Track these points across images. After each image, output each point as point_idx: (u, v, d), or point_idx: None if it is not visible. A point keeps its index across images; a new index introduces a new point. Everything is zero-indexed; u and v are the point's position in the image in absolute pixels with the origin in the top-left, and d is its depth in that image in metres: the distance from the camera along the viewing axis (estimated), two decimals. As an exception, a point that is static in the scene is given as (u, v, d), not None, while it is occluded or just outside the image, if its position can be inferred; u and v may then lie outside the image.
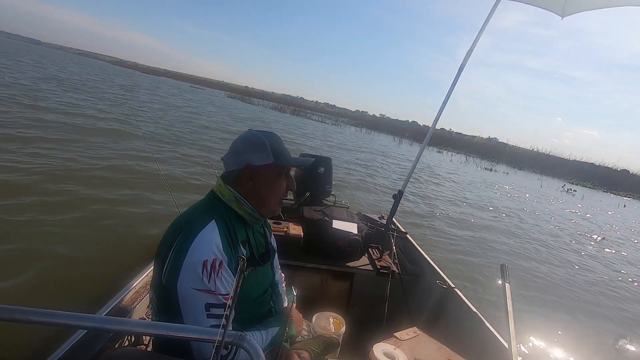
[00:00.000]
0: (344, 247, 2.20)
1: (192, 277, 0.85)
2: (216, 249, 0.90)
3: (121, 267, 2.69)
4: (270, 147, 1.03)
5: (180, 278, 0.86)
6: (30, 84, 12.77)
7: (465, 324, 1.71)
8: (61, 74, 22.27)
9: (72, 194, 4.13)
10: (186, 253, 0.87)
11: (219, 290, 0.87)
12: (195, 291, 0.85)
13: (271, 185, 1.04)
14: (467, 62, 2.34)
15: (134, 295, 1.43)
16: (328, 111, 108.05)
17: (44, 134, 6.27)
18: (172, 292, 0.86)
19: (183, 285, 0.85)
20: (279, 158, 1.03)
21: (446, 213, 7.89)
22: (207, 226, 0.93)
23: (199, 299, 0.85)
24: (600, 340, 3.48)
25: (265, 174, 1.03)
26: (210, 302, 0.86)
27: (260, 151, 1.02)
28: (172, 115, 14.14)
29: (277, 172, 1.04)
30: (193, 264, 0.86)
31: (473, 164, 29.03)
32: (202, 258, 0.87)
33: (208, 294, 0.86)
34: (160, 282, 0.91)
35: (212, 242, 0.91)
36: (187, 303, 0.86)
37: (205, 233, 0.92)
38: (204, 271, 0.86)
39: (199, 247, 0.88)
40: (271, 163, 1.02)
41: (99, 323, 0.59)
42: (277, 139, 1.07)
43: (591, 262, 6.73)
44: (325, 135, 23.20)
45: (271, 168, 1.03)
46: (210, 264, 0.87)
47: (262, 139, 1.03)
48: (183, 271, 0.86)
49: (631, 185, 34.59)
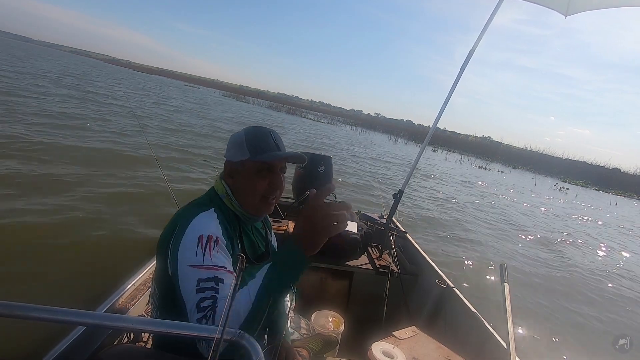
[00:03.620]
0: (343, 246, 2.19)
1: (187, 255, 0.84)
2: (213, 228, 0.89)
3: (121, 264, 2.67)
4: (247, 143, 0.98)
5: (179, 262, 0.84)
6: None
7: (464, 324, 1.72)
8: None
9: (71, 191, 4.10)
10: (184, 233, 0.86)
11: (215, 264, 0.83)
12: (189, 268, 0.82)
13: (247, 182, 0.99)
14: (468, 62, 2.35)
15: (134, 292, 1.42)
16: (323, 110, 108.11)
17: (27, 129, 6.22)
18: (176, 282, 0.84)
19: (182, 267, 0.84)
20: (256, 154, 0.97)
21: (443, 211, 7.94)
22: (207, 211, 0.93)
23: (192, 275, 0.82)
24: (599, 340, 3.53)
25: (242, 170, 0.99)
26: (201, 277, 0.81)
27: (237, 147, 0.99)
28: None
29: (255, 168, 0.98)
30: (189, 241, 0.85)
31: (468, 162, 29.21)
32: (197, 233, 0.85)
33: (201, 269, 0.82)
34: (166, 275, 0.89)
35: (209, 222, 0.90)
36: (184, 282, 0.83)
37: (204, 215, 0.91)
38: (199, 246, 0.83)
39: (196, 224, 0.88)
40: (247, 159, 0.97)
41: (98, 320, 0.58)
42: (261, 134, 1.00)
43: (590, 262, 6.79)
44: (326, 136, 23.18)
45: (249, 164, 0.98)
46: (205, 238, 0.85)
47: (240, 135, 1.00)
48: (181, 252, 0.84)
49: (622, 183, 35.11)
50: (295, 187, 2.72)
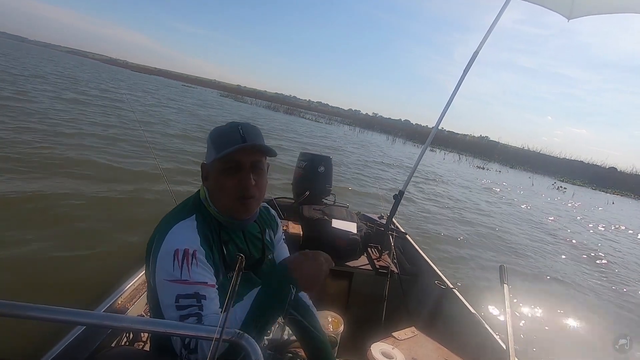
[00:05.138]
0: (343, 246, 2.19)
1: (164, 268, 0.82)
2: (190, 240, 0.86)
3: (120, 263, 2.66)
4: (212, 141, 0.93)
5: (157, 273, 0.83)
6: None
7: (463, 324, 1.72)
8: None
9: (70, 189, 4.09)
10: (161, 245, 0.84)
11: (194, 279, 0.81)
12: (167, 282, 0.81)
13: (217, 182, 0.93)
14: (472, 64, 2.35)
15: (133, 292, 1.41)
16: (321, 110, 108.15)
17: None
18: (156, 292, 0.83)
19: (159, 279, 0.82)
20: (220, 151, 0.90)
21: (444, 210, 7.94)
22: (185, 220, 0.91)
23: (171, 290, 0.80)
24: (599, 340, 3.51)
25: (213, 171, 0.94)
26: (180, 293, 0.79)
27: (208, 147, 0.95)
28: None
29: (220, 167, 0.92)
30: (165, 254, 0.83)
31: (466, 162, 29.25)
32: (173, 247, 0.83)
33: (178, 283, 0.80)
34: (149, 284, 0.89)
35: (186, 234, 0.87)
36: (161, 296, 0.81)
37: (181, 225, 0.89)
38: (175, 260, 0.81)
39: (172, 237, 0.86)
40: (214, 158, 0.91)
41: (97, 319, 0.58)
42: (227, 129, 0.93)
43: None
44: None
45: (216, 164, 0.92)
46: (182, 252, 0.82)
47: (209, 134, 0.96)
48: (158, 265, 0.83)
49: (619, 183, 35.26)
50: (295, 187, 2.71)
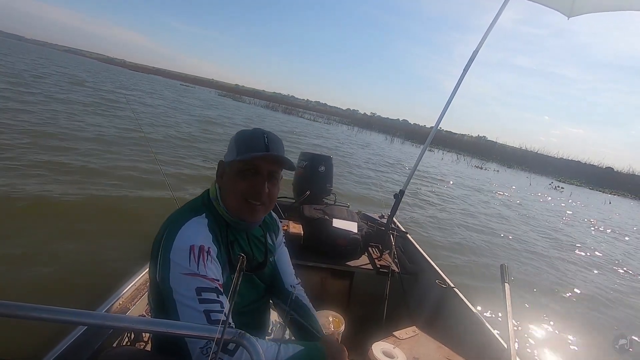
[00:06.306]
0: (343, 245, 2.20)
1: (179, 263, 0.82)
2: (204, 237, 0.88)
3: (121, 263, 2.66)
4: (237, 142, 0.95)
5: (171, 268, 0.82)
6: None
7: (464, 324, 1.72)
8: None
9: (71, 190, 4.08)
10: (173, 242, 0.84)
11: (209, 275, 0.82)
12: (185, 276, 0.81)
13: (230, 182, 0.95)
14: (472, 63, 2.36)
15: (134, 292, 1.41)
16: (319, 110, 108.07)
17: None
18: (167, 289, 0.83)
19: (173, 274, 0.82)
20: (242, 153, 0.92)
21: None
22: (196, 217, 0.91)
23: (190, 284, 0.80)
24: (599, 340, 3.52)
25: (229, 171, 0.96)
26: (201, 286, 0.80)
27: (230, 147, 0.97)
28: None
29: (237, 168, 0.94)
30: (180, 250, 0.83)
31: (464, 162, 29.30)
32: (189, 243, 0.84)
33: (198, 277, 0.81)
34: (155, 282, 0.88)
35: (200, 230, 0.89)
36: (178, 290, 0.81)
37: (193, 222, 0.90)
38: (192, 255, 0.82)
39: (186, 233, 0.86)
40: (234, 159, 0.93)
41: (99, 320, 0.58)
42: (253, 134, 0.95)
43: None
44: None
45: (235, 165, 0.94)
46: (197, 249, 0.83)
47: (235, 135, 0.98)
48: (172, 260, 0.83)
49: (616, 182, 35.41)
50: (295, 187, 2.71)
